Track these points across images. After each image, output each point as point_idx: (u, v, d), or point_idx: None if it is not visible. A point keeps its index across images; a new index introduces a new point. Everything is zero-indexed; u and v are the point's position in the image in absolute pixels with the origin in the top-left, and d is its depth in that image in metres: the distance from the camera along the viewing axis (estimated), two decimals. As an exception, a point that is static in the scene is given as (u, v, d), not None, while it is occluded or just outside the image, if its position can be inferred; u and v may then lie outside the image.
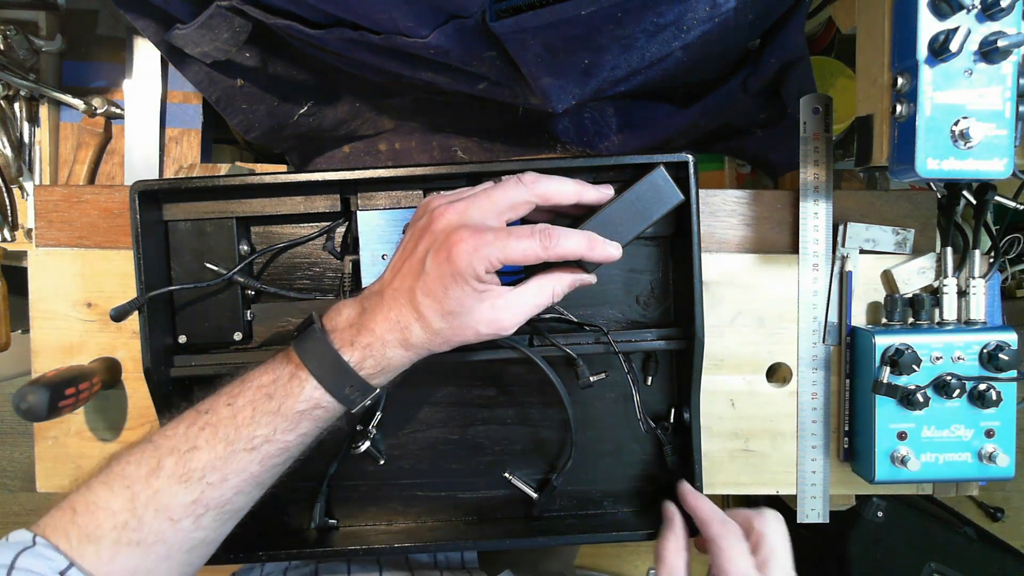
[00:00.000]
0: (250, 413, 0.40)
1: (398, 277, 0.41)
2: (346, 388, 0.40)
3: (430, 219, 0.40)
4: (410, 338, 0.40)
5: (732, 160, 0.74)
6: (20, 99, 0.66)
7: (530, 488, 0.54)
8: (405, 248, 0.42)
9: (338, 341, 0.40)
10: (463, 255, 0.38)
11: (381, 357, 0.40)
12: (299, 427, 0.40)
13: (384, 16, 0.44)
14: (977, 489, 0.58)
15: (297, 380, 0.40)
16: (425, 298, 0.39)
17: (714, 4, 0.45)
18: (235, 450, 0.39)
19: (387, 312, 0.40)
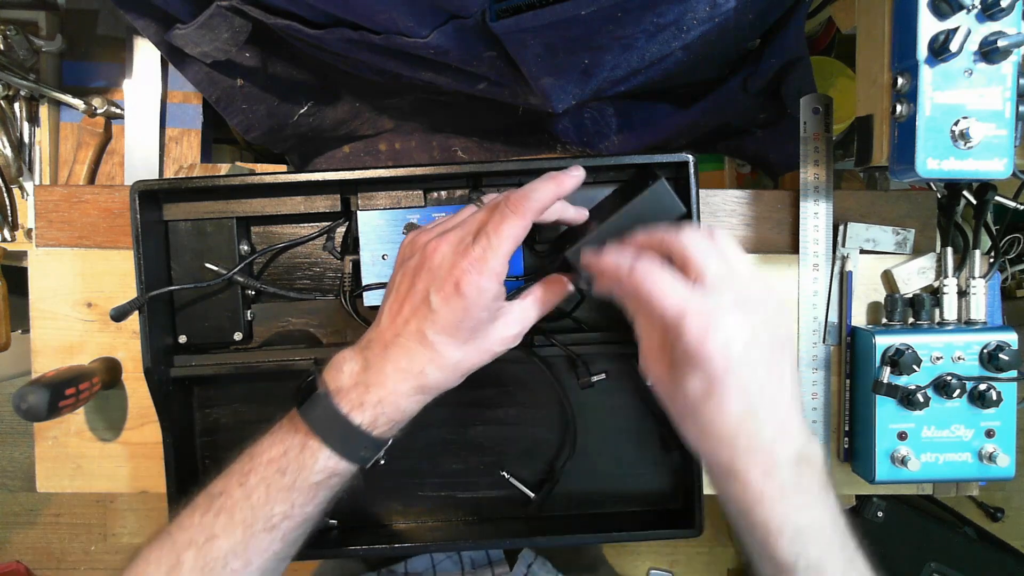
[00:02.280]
0: (264, 491, 0.38)
1: (399, 321, 0.39)
2: (361, 450, 0.39)
3: (423, 256, 0.39)
4: (426, 382, 0.39)
5: (732, 160, 0.74)
6: (20, 99, 0.66)
7: (526, 487, 0.54)
8: (399, 290, 0.40)
9: (346, 404, 0.38)
10: (472, 284, 0.37)
11: (394, 411, 0.39)
12: (317, 497, 0.39)
13: (384, 16, 0.44)
14: (977, 489, 0.58)
15: (309, 451, 0.38)
16: (438, 335, 0.38)
17: (714, 4, 0.45)
18: (254, 532, 0.37)
19: (396, 362, 0.39)
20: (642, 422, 0.54)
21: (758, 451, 0.36)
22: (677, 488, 0.55)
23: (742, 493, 0.37)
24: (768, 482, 0.36)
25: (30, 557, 1.54)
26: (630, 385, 0.54)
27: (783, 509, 0.36)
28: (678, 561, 1.53)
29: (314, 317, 0.53)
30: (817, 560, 0.36)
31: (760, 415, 0.36)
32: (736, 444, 0.36)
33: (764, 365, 0.37)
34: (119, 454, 0.57)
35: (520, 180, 0.50)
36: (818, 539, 0.36)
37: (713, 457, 0.38)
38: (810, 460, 0.37)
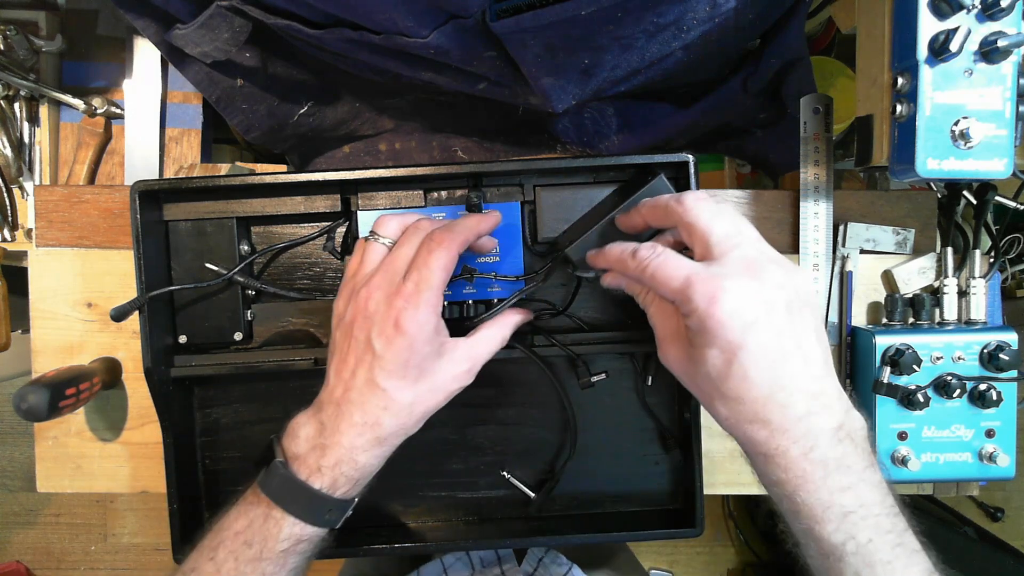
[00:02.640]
0: (233, 564, 0.38)
1: (346, 375, 0.39)
2: (325, 514, 0.39)
3: (356, 307, 0.39)
4: (382, 433, 0.39)
5: (732, 160, 0.74)
6: (20, 99, 0.66)
7: (527, 487, 0.54)
8: (340, 347, 0.40)
9: (304, 470, 0.38)
10: (410, 321, 0.37)
11: (353, 469, 0.39)
12: (287, 565, 0.39)
13: (384, 16, 0.44)
14: (977, 489, 0.58)
15: (272, 520, 0.38)
16: (388, 380, 0.38)
17: (714, 4, 0.45)
18: None
19: (350, 418, 0.38)
20: (642, 422, 0.54)
21: (793, 427, 0.34)
22: (677, 488, 0.55)
23: (783, 475, 0.35)
24: (808, 462, 0.34)
25: (30, 557, 1.54)
26: (630, 385, 0.54)
27: (827, 490, 0.34)
28: (678, 561, 1.53)
29: (314, 317, 0.53)
30: (866, 543, 0.34)
31: (789, 386, 0.34)
32: (770, 420, 0.34)
33: (785, 330, 0.34)
34: (119, 454, 0.57)
35: (520, 180, 0.50)
36: (865, 521, 0.35)
37: (749, 441, 0.36)
38: (852, 434, 0.35)
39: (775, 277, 0.35)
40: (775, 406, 0.34)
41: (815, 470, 0.34)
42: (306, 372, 0.51)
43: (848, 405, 0.36)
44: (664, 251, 0.37)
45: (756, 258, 0.35)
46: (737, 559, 1.52)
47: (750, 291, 0.34)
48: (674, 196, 0.39)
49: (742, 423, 0.36)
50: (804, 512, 0.35)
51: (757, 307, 0.34)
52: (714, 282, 0.34)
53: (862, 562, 0.34)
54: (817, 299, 0.37)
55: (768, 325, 0.34)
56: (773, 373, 0.34)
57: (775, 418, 0.34)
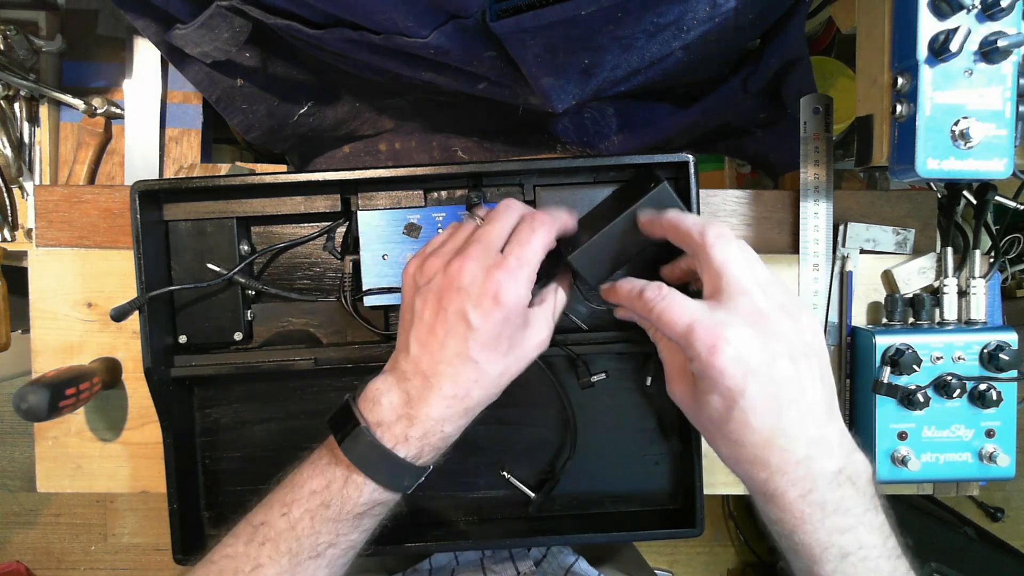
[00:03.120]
0: (309, 522, 0.38)
1: (435, 347, 0.38)
2: (405, 480, 0.39)
3: (448, 278, 0.38)
4: (470, 404, 0.39)
5: (732, 160, 0.74)
6: (20, 99, 0.66)
7: (527, 487, 0.54)
8: (423, 317, 0.39)
9: (390, 439, 0.38)
10: (510, 293, 0.37)
11: (440, 440, 0.39)
12: (361, 525, 0.40)
13: (384, 16, 0.44)
14: (977, 489, 0.58)
15: (353, 484, 0.38)
16: (482, 352, 0.38)
17: (714, 4, 0.45)
18: (300, 560, 0.38)
19: (440, 390, 0.38)
20: (642, 422, 0.54)
21: (793, 470, 0.35)
22: (677, 488, 0.55)
23: (782, 515, 0.36)
24: (807, 504, 0.35)
25: (30, 557, 1.54)
26: (630, 385, 0.54)
27: (826, 531, 0.35)
28: (678, 561, 1.53)
29: (314, 317, 0.53)
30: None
31: (789, 431, 0.35)
32: (769, 463, 0.35)
33: (787, 379, 0.35)
34: (119, 454, 0.57)
35: (520, 180, 0.50)
36: (865, 563, 0.35)
37: (750, 480, 0.37)
38: (853, 477, 0.35)
39: (780, 328, 0.35)
40: (775, 450, 0.35)
41: (813, 512, 0.35)
42: (306, 372, 0.51)
43: (852, 449, 0.37)
44: (669, 293, 0.38)
45: (762, 308, 0.36)
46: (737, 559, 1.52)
47: (752, 342, 0.35)
48: (699, 226, 0.39)
49: (743, 463, 0.37)
50: (802, 552, 0.36)
51: (758, 357, 0.35)
52: (716, 331, 0.35)
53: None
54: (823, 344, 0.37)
55: (769, 375, 0.35)
56: (773, 420, 0.35)
57: (774, 461, 0.35)
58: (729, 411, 0.35)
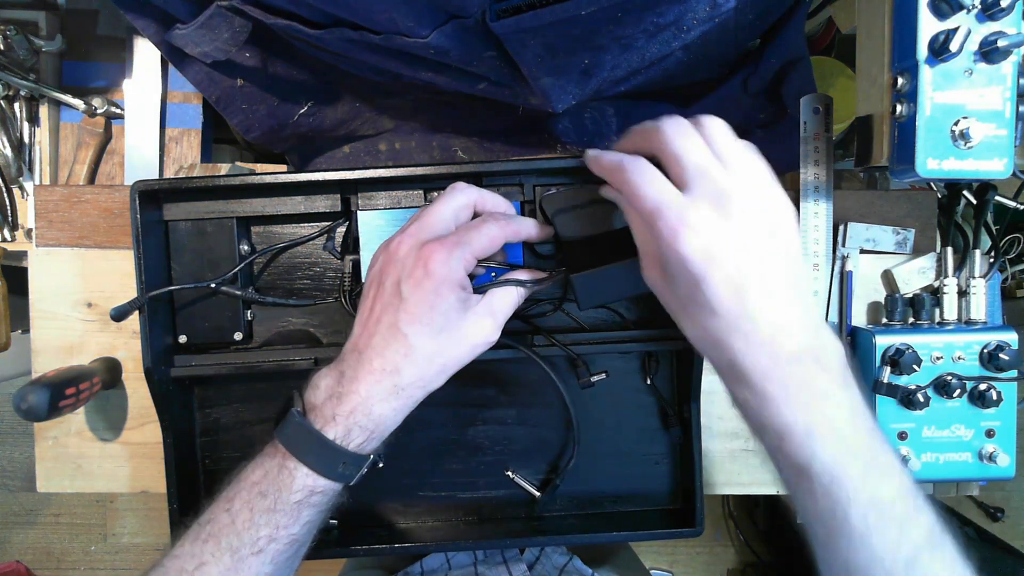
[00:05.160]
0: (248, 515, 0.38)
1: (371, 322, 0.39)
2: (338, 466, 0.38)
3: (387, 256, 0.39)
4: (400, 382, 0.38)
5: (732, 160, 0.74)
6: (20, 99, 0.66)
7: (533, 487, 0.54)
8: (367, 297, 0.40)
9: (319, 419, 0.38)
10: (440, 263, 0.37)
11: (367, 419, 0.38)
12: (301, 517, 0.39)
13: (384, 16, 0.44)
14: (977, 489, 0.58)
15: (286, 471, 0.38)
16: (410, 325, 0.38)
17: (714, 4, 0.45)
18: (242, 557, 0.37)
19: (369, 364, 0.38)
20: (642, 421, 0.54)
21: (756, 351, 0.35)
22: (677, 488, 0.55)
23: (747, 394, 0.36)
24: (769, 382, 0.35)
25: (30, 557, 1.54)
26: (630, 384, 0.54)
27: (789, 409, 0.35)
28: (678, 561, 1.53)
29: (314, 317, 0.53)
30: (832, 460, 0.34)
31: (752, 314, 0.35)
32: (732, 346, 0.35)
33: (751, 262, 0.35)
34: (119, 454, 0.57)
35: (520, 180, 0.50)
36: (831, 438, 0.34)
37: (715, 361, 0.37)
38: (819, 356, 0.35)
39: (744, 208, 0.35)
40: (738, 333, 0.35)
41: (777, 390, 0.35)
42: (306, 372, 0.51)
43: (818, 330, 0.36)
44: (645, 168, 0.37)
45: (725, 189, 0.35)
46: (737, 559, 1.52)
47: (714, 226, 0.34)
48: (654, 122, 0.38)
49: (708, 345, 0.37)
50: (770, 430, 0.36)
51: (720, 242, 0.34)
52: (681, 214, 0.34)
53: (829, 478, 0.34)
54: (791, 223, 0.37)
55: (732, 259, 0.34)
56: (736, 305, 0.34)
57: (738, 344, 0.35)
58: (692, 295, 0.35)
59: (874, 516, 0.34)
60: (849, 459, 0.34)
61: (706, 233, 0.34)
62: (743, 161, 0.36)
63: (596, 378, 0.52)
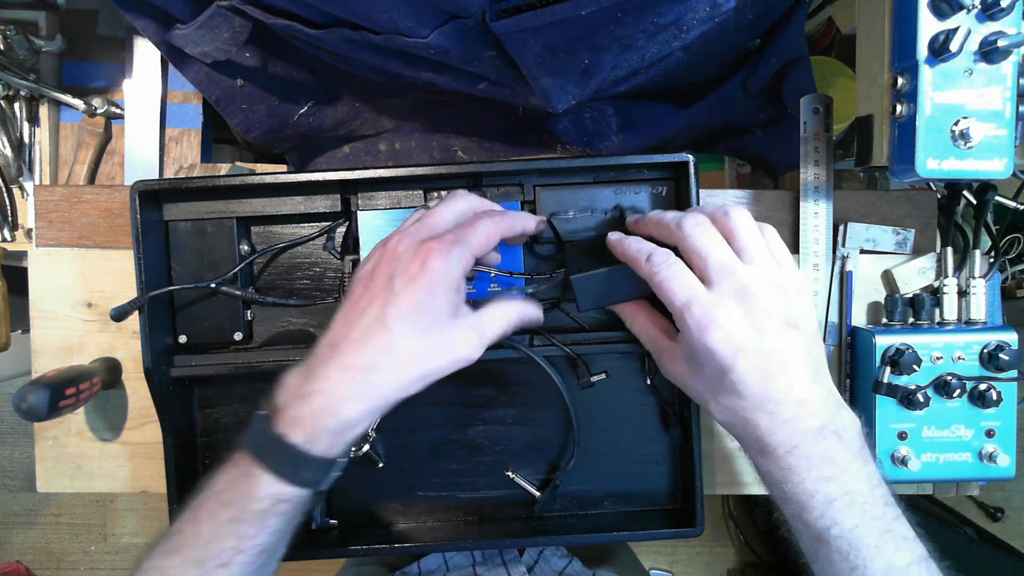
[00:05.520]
0: (212, 526, 0.36)
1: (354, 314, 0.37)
2: (305, 472, 0.36)
3: (383, 252, 0.38)
4: (374, 379, 0.36)
5: (732, 160, 0.74)
6: (20, 99, 0.66)
7: (533, 487, 0.54)
8: (352, 293, 0.38)
9: (283, 422, 0.36)
10: (439, 261, 0.36)
11: (335, 421, 0.36)
12: (268, 527, 0.36)
13: (384, 16, 0.44)
14: (977, 489, 0.58)
15: (251, 478, 0.36)
16: (396, 320, 0.36)
17: (714, 4, 0.45)
18: (207, 570, 0.35)
19: (342, 359, 0.36)
20: (642, 421, 0.54)
21: (780, 429, 0.38)
22: (677, 488, 0.55)
23: (771, 467, 0.38)
24: (794, 457, 0.37)
25: (30, 557, 1.54)
26: (630, 385, 0.54)
27: (812, 480, 0.37)
28: (678, 561, 1.53)
29: (314, 317, 0.53)
30: (850, 528, 0.37)
31: (776, 397, 0.37)
32: (758, 424, 0.38)
33: (773, 350, 0.37)
34: (119, 454, 0.57)
35: (520, 180, 0.50)
36: (851, 508, 0.37)
37: (741, 438, 0.40)
38: (839, 432, 0.38)
39: (767, 303, 0.37)
40: (764, 413, 0.38)
41: (800, 463, 0.38)
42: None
43: (837, 406, 0.39)
44: (676, 263, 0.39)
45: (748, 286, 0.37)
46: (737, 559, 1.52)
47: (740, 321, 0.37)
48: (675, 219, 0.41)
49: (735, 425, 0.40)
50: (792, 500, 0.38)
51: (746, 334, 0.37)
52: (708, 312, 0.37)
53: (848, 545, 0.37)
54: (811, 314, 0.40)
55: (756, 349, 0.37)
56: (762, 389, 0.37)
57: (763, 423, 0.38)
58: (720, 382, 0.38)
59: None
60: (866, 528, 0.37)
61: (732, 327, 0.37)
62: (763, 254, 0.39)
63: (596, 378, 0.52)
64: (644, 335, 0.45)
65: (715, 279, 0.38)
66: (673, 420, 0.53)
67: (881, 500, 0.38)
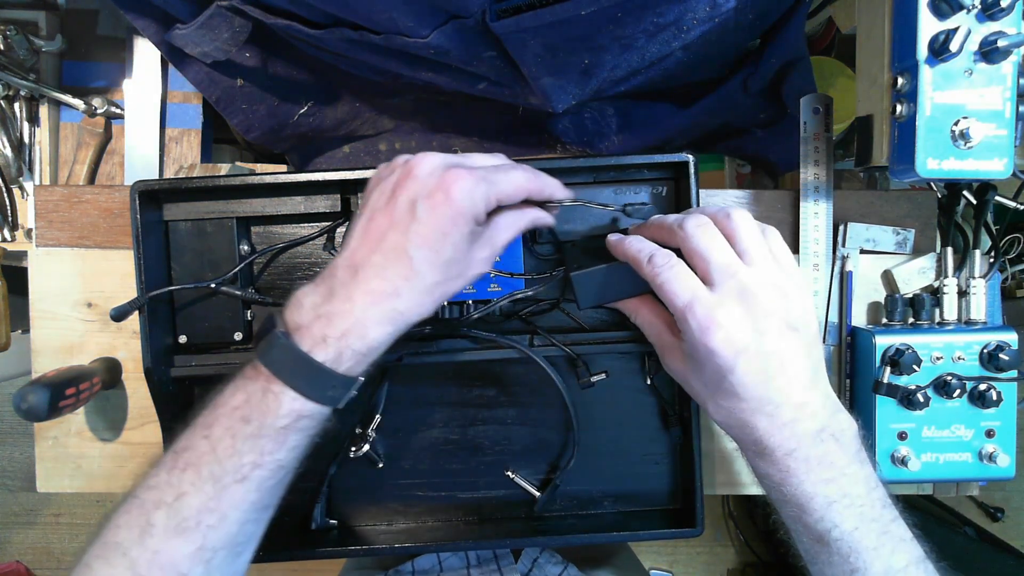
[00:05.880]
0: (230, 442, 0.35)
1: (374, 237, 0.36)
2: (328, 390, 0.36)
3: (407, 169, 0.37)
4: (398, 306, 0.36)
5: (732, 160, 0.74)
6: (20, 99, 0.66)
7: (533, 487, 0.54)
8: (374, 206, 0.37)
9: (307, 341, 0.35)
10: (464, 192, 0.35)
11: (361, 342, 0.36)
12: (288, 442, 0.36)
13: (384, 16, 0.44)
14: (977, 489, 0.58)
15: (272, 395, 0.35)
16: (419, 250, 0.35)
17: (714, 4, 0.45)
18: (225, 485, 0.35)
19: (366, 283, 0.35)
20: (642, 421, 0.54)
21: (779, 431, 0.38)
22: (677, 488, 0.55)
23: (769, 469, 0.39)
24: (792, 459, 0.38)
25: (30, 557, 1.54)
26: (630, 384, 0.54)
27: (811, 483, 0.38)
28: (678, 561, 1.53)
29: (314, 317, 0.53)
30: (850, 530, 0.37)
31: (776, 399, 0.38)
32: (757, 426, 0.38)
33: (774, 351, 0.37)
34: (119, 454, 0.57)
35: (520, 180, 0.50)
36: (849, 510, 0.37)
37: (740, 440, 0.40)
38: (836, 435, 0.38)
39: (768, 305, 0.37)
40: (762, 415, 0.38)
41: (799, 466, 0.38)
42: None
43: (835, 409, 0.39)
44: (677, 264, 0.39)
45: (749, 287, 0.37)
46: (737, 559, 1.52)
47: (741, 322, 0.37)
48: (677, 221, 0.41)
49: (733, 426, 0.40)
50: (791, 502, 0.39)
51: (747, 336, 0.37)
52: (710, 313, 0.37)
53: (848, 548, 0.37)
54: (811, 316, 0.40)
55: (757, 351, 0.37)
56: (761, 391, 0.38)
57: (762, 424, 0.38)
58: (720, 383, 0.38)
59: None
60: (865, 530, 0.37)
61: (734, 328, 0.37)
62: (764, 256, 0.39)
63: (596, 378, 0.52)
64: (649, 329, 0.45)
65: (717, 280, 0.38)
66: (673, 420, 0.53)
67: (879, 502, 0.38)
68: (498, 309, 0.50)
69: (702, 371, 0.39)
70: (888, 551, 0.37)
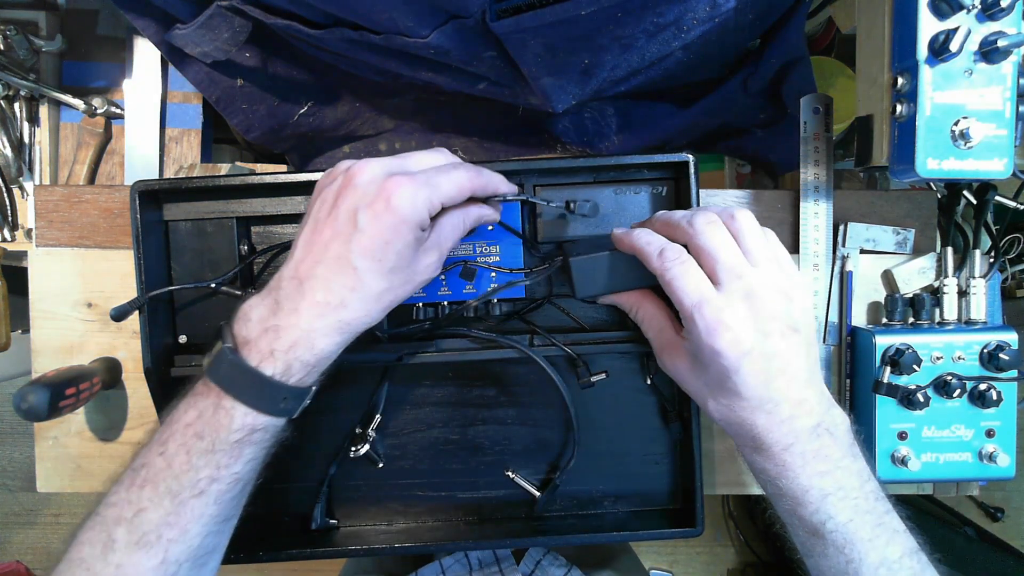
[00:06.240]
0: (185, 458, 0.36)
1: (318, 249, 0.36)
2: (279, 402, 0.36)
3: (348, 177, 0.36)
4: (345, 316, 0.36)
5: (732, 160, 0.74)
6: (20, 99, 0.66)
7: (533, 487, 0.54)
8: (316, 219, 0.37)
9: (255, 355, 0.36)
10: (404, 200, 0.35)
11: (310, 353, 0.36)
12: (243, 455, 0.37)
13: (384, 16, 0.44)
14: (977, 489, 0.58)
15: (223, 411, 0.36)
16: (363, 259, 0.35)
17: (714, 4, 0.45)
18: (183, 500, 0.36)
19: (312, 295, 0.36)
20: (642, 421, 0.54)
21: (777, 428, 0.39)
22: (677, 488, 0.55)
23: (766, 464, 0.40)
24: (789, 454, 0.39)
25: (30, 557, 1.54)
26: (630, 384, 0.54)
27: (806, 476, 0.38)
28: (678, 561, 1.53)
29: (314, 317, 0.53)
30: (845, 522, 0.38)
31: (775, 397, 0.38)
32: (756, 424, 0.39)
33: (776, 352, 0.38)
34: (119, 454, 0.57)
35: (520, 180, 0.50)
36: (844, 503, 0.38)
37: (737, 434, 0.41)
38: (831, 430, 0.39)
39: (771, 307, 0.38)
40: (762, 413, 0.39)
41: (795, 460, 0.39)
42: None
43: (829, 405, 0.40)
44: (688, 261, 0.39)
45: (754, 288, 0.38)
46: (737, 559, 1.52)
47: (746, 323, 0.38)
48: (686, 216, 0.41)
49: (731, 423, 0.41)
50: (787, 495, 0.39)
51: (752, 338, 0.38)
52: (718, 315, 0.37)
53: (842, 539, 0.38)
54: (811, 318, 0.41)
55: (761, 353, 0.38)
56: (762, 390, 0.38)
57: (761, 422, 0.39)
58: (723, 383, 0.39)
59: (884, 573, 0.37)
60: (860, 522, 0.38)
61: (740, 330, 0.37)
62: (768, 257, 0.39)
63: (596, 378, 0.52)
64: (650, 324, 0.45)
65: (724, 280, 0.38)
66: (673, 419, 0.53)
67: (872, 495, 0.39)
68: (498, 309, 0.50)
69: (705, 370, 0.40)
70: (883, 542, 0.38)
